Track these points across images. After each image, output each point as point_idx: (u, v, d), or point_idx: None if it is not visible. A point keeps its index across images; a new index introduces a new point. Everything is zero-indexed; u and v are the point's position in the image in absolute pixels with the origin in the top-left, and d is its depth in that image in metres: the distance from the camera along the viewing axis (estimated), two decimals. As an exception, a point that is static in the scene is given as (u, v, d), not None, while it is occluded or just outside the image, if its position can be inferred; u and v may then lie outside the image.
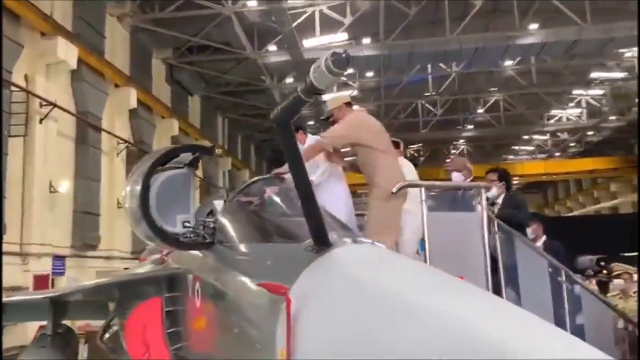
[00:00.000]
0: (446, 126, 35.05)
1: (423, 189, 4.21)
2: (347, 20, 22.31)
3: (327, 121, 5.74)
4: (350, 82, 29.39)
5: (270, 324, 2.55)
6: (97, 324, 8.62)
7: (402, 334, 1.91)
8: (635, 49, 24.02)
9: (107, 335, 6.52)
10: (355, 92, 31.15)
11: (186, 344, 4.30)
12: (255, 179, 4.28)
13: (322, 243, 2.65)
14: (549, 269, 5.43)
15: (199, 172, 26.98)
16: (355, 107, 5.85)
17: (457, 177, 7.34)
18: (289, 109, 2.45)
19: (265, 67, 24.21)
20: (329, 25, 23.30)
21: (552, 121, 36.20)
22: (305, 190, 2.53)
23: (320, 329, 2.25)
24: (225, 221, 3.91)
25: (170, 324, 4.82)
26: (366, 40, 24.04)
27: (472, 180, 7.07)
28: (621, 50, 25.69)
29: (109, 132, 18.20)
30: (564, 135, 39.76)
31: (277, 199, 4.00)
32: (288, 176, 4.42)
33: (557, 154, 43.34)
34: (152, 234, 3.75)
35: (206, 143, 27.43)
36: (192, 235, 4.12)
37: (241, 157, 34.70)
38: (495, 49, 23.22)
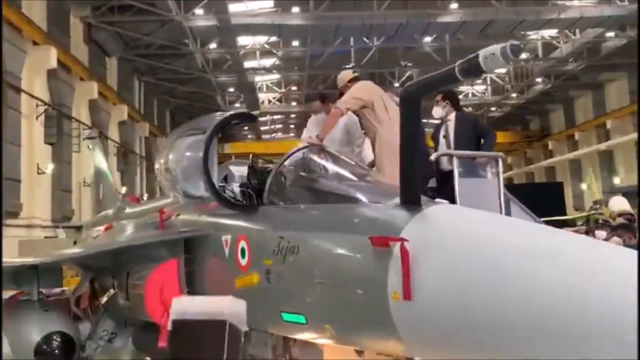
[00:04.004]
0: (364, 98, 35.98)
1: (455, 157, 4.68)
2: (277, -13, 22.29)
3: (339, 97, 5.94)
4: (274, 51, 29.35)
5: (378, 271, 2.93)
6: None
7: (536, 274, 2.38)
8: (542, 31, 26.07)
9: (104, 299, 6.49)
10: (277, 61, 31.22)
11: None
12: (296, 148, 4.54)
13: (413, 203, 3.05)
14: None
15: (116, 138, 25.98)
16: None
17: (436, 111, 6.87)
18: (432, 83, 2.78)
19: (190, 31, 23.57)
20: (257, -9, 23.15)
21: (460, 97, 38.36)
22: (409, 159, 2.90)
23: (442, 274, 2.67)
24: (284, 185, 4.17)
25: (192, 283, 5.03)
26: (295, 10, 24.08)
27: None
28: (527, 33, 27.70)
29: (28, 94, 17.05)
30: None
31: (331, 166, 4.30)
32: (324, 143, 4.75)
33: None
34: (211, 194, 3.97)
35: (124, 108, 26.40)
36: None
37: (157, 123, 33.63)
38: (417, 25, 24.24)
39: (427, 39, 29.14)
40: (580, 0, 24.63)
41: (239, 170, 5.12)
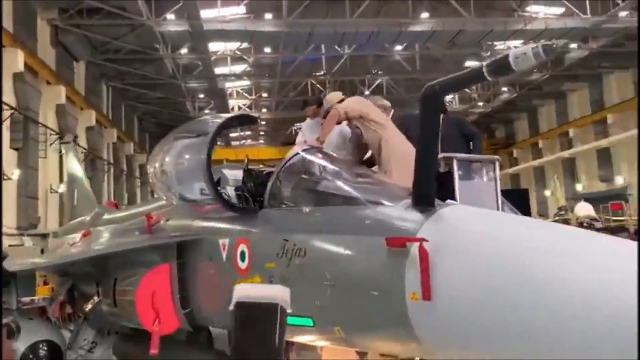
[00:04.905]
0: (334, 105, 36.14)
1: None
2: (250, -7, 22.24)
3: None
4: (245, 57, 29.23)
5: (394, 272, 2.94)
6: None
7: (560, 273, 2.42)
8: (508, 42, 26.71)
9: (86, 307, 6.30)
10: (248, 68, 31.10)
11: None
12: (296, 151, 4.51)
13: (427, 204, 3.08)
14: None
15: (84, 144, 25.39)
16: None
17: None
18: (459, 82, 2.80)
19: (161, 36, 23.29)
20: (230, -4, 23.04)
21: (428, 105, 38.88)
22: (426, 159, 2.92)
23: (463, 273, 2.70)
24: (286, 187, 4.14)
25: (185, 288, 4.94)
26: (268, 16, 24.07)
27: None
28: (495, 43, 28.36)
29: (-5, 98, 16.50)
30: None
31: (335, 168, 4.29)
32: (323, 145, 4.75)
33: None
34: (212, 197, 3.93)
35: (92, 113, 25.86)
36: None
37: (125, 129, 33.02)
38: (388, 34, 24.54)
39: (398, 47, 29.51)
40: (546, 12, 25.45)
41: (233, 174, 5.07)
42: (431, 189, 3.04)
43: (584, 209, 21.25)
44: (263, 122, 42.16)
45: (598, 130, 32.57)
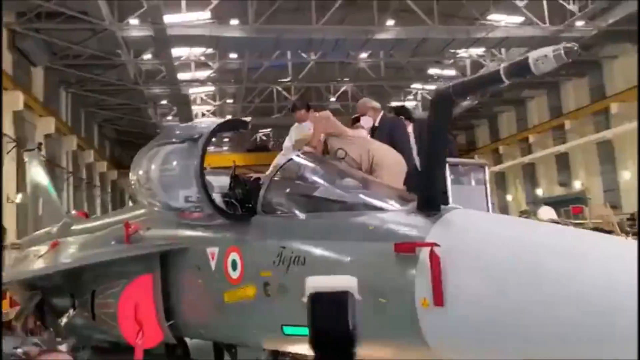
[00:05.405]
0: (299, 112, 36.17)
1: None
2: (215, -1, 21.99)
3: None
4: (209, 63, 28.91)
5: (403, 278, 2.88)
6: None
7: (575, 275, 2.41)
8: (471, 50, 27.27)
9: (61, 321, 6.01)
10: (213, 73, 30.77)
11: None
12: (290, 157, 4.41)
13: (432, 208, 3.04)
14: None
15: (43, 151, 24.53)
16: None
17: (366, 121, 6.52)
18: (475, 85, 2.76)
19: (124, 41, 22.78)
20: (194, 2, 22.73)
21: (392, 111, 39.35)
22: (434, 163, 2.89)
23: (476, 278, 2.66)
24: (281, 193, 4.04)
25: (169, 299, 4.78)
26: (234, 22, 23.86)
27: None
28: (457, 51, 28.91)
29: (-52, 103, 15.79)
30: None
31: (331, 173, 4.21)
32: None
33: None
34: (205, 204, 3.81)
35: (51, 120, 25.07)
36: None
37: (84, 136, 32.11)
38: (354, 41, 24.71)
39: (363, 55, 29.73)
40: (506, 21, 26.09)
41: (217, 180, 4.93)
42: (437, 193, 3.01)
43: (546, 213, 21.86)
44: (227, 129, 41.79)
45: (556, 136, 33.56)
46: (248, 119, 4.44)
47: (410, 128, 6.32)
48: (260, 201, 4.10)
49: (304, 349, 3.78)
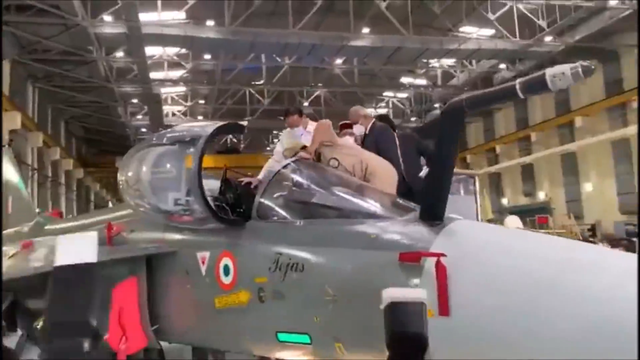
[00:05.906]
0: (272, 115, 36.06)
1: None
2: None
3: None
4: (182, 63, 28.62)
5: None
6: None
7: (581, 287, 2.49)
8: (443, 60, 27.74)
9: (37, 324, 5.82)
10: (186, 74, 30.45)
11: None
12: (286, 162, 4.40)
13: (435, 218, 3.09)
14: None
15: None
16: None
17: (357, 129, 6.40)
18: (488, 98, 2.80)
19: (96, 37, 22.35)
20: (170, 2, 22.51)
21: (363, 118, 39.59)
22: (440, 173, 2.94)
23: (482, 288, 2.72)
24: (277, 199, 4.03)
25: (155, 304, 4.71)
26: (209, 23, 23.70)
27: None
28: (430, 61, 29.37)
29: None
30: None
31: (328, 180, 4.21)
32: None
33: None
34: (202, 207, 3.79)
35: (16, 115, 24.36)
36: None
37: (51, 133, 31.29)
38: (330, 47, 24.82)
39: (338, 61, 29.89)
40: (478, 34, 26.67)
41: (207, 184, 4.89)
42: (442, 204, 3.05)
43: (513, 222, 22.41)
44: (198, 130, 41.36)
45: (522, 147, 34.40)
46: (245, 122, 4.41)
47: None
48: (256, 206, 4.08)
49: (297, 355, 3.78)
